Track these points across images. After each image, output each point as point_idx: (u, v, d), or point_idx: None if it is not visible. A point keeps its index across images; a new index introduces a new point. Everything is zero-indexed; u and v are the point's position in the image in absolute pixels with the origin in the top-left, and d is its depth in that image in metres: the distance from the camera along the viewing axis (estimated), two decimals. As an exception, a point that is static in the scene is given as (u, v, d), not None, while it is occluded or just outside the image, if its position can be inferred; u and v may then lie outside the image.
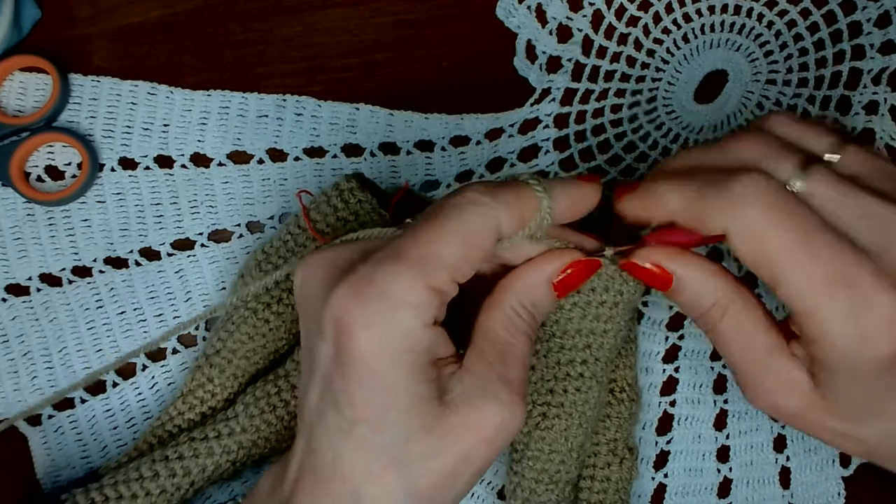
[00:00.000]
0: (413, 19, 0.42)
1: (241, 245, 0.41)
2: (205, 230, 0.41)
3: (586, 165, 0.42)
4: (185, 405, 0.37)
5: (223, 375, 0.37)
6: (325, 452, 0.28)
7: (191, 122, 0.41)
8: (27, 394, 0.40)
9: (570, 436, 0.35)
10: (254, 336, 0.37)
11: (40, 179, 0.41)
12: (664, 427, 0.42)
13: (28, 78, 0.41)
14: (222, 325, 0.37)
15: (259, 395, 0.36)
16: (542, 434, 0.35)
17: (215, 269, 0.41)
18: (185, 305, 0.41)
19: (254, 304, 0.37)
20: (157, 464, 0.35)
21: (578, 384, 0.34)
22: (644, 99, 0.42)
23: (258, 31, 0.42)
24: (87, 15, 0.42)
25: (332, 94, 0.42)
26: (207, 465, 0.35)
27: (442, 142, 0.42)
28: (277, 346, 0.38)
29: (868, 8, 0.42)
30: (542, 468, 0.35)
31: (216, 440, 0.35)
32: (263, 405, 0.35)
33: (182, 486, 0.35)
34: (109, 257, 0.41)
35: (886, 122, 0.42)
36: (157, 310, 0.41)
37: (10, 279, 0.40)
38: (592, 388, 0.34)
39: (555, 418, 0.34)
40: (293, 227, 0.38)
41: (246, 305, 0.37)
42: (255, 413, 0.35)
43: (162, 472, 0.35)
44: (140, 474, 0.35)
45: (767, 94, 0.42)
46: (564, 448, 0.35)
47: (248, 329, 0.37)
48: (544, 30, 0.42)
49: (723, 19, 0.42)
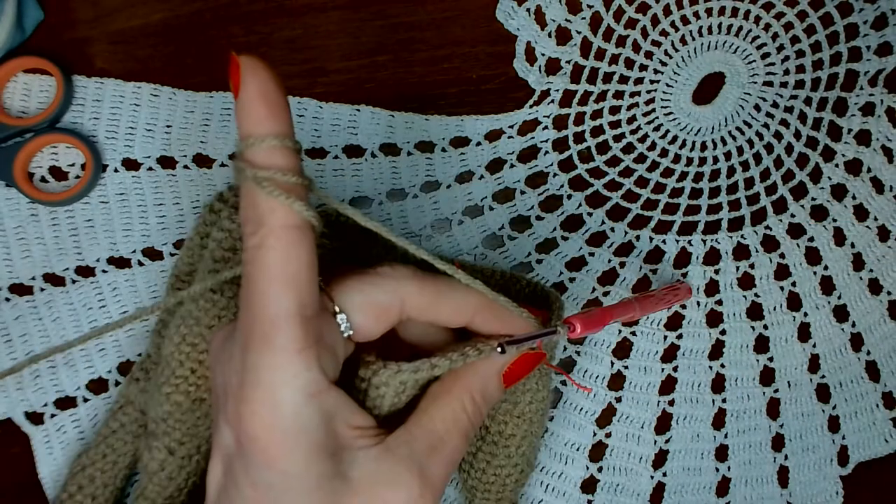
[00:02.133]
0: (414, 21, 0.42)
1: (243, 245, 0.41)
2: (207, 230, 0.41)
3: (585, 166, 0.43)
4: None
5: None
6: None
7: (193, 124, 0.41)
8: (30, 393, 0.40)
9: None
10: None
11: (44, 180, 0.41)
12: (663, 426, 0.42)
13: (32, 79, 0.41)
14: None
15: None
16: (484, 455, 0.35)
17: (217, 269, 0.41)
18: (187, 305, 0.41)
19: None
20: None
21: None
22: (642, 100, 0.43)
23: (260, 34, 0.42)
24: (90, 17, 0.42)
25: (333, 96, 0.42)
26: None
27: (442, 143, 0.42)
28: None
29: (865, 10, 0.42)
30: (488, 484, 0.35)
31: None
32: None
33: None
34: (112, 257, 0.41)
35: (883, 124, 0.42)
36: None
37: (14, 278, 0.41)
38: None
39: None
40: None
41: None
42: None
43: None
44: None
45: (764, 96, 0.43)
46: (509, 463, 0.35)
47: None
48: (543, 32, 0.42)
49: (720, 22, 0.42)
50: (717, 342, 0.43)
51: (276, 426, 0.25)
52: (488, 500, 0.36)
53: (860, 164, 0.43)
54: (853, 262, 0.43)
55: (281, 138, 0.25)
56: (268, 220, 0.25)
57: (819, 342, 0.43)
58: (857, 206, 0.43)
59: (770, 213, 0.43)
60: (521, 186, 0.43)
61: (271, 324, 0.25)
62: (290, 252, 0.25)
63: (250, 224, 0.25)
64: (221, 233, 0.33)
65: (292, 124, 0.26)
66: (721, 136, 0.43)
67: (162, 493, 0.33)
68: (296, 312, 0.25)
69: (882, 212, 0.42)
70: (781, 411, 0.43)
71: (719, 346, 0.43)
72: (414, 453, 0.27)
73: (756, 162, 0.43)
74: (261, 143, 0.25)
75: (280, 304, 0.25)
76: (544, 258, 0.42)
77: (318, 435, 0.25)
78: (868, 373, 0.43)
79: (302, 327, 0.25)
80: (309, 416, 0.25)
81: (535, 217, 0.43)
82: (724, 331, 0.43)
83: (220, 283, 0.32)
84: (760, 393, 0.43)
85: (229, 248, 0.33)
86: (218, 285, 0.32)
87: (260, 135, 0.25)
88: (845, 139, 0.43)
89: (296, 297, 0.25)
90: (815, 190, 0.43)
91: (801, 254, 0.43)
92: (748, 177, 0.43)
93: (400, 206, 0.42)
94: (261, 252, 0.25)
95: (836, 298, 0.43)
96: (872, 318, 0.43)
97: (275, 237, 0.25)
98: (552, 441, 0.41)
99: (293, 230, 0.25)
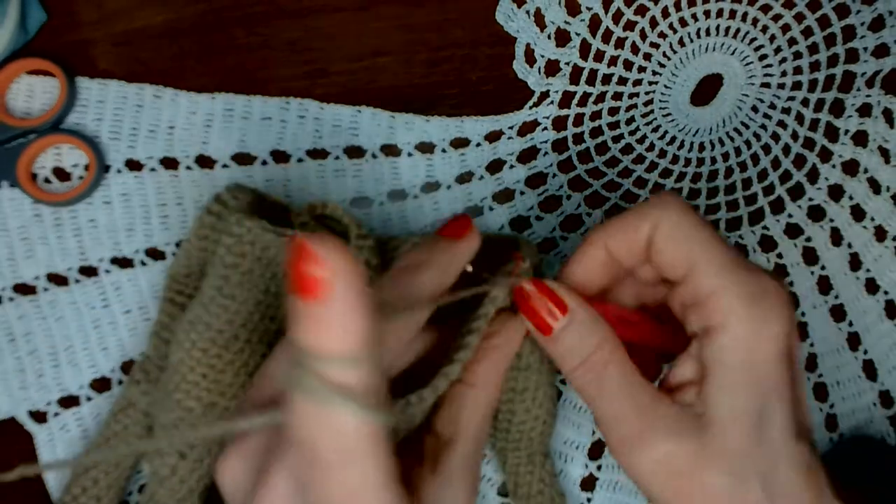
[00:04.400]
0: (414, 23, 0.42)
1: (245, 245, 0.41)
2: (209, 231, 0.42)
3: (584, 167, 0.43)
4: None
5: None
6: None
7: (196, 125, 0.42)
8: (33, 392, 0.40)
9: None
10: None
11: (47, 181, 0.42)
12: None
13: (35, 81, 0.41)
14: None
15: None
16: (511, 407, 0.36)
17: (219, 269, 0.41)
18: (190, 305, 0.41)
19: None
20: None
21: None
22: (641, 102, 0.43)
23: (261, 36, 0.42)
24: (93, 19, 0.42)
25: (334, 97, 0.42)
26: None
27: (443, 143, 0.43)
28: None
29: (862, 12, 0.42)
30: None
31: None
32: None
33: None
34: (115, 257, 0.41)
35: (879, 125, 0.43)
36: (162, 309, 0.41)
37: (18, 278, 0.41)
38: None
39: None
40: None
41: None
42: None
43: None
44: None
45: (762, 97, 0.43)
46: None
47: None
48: (543, 34, 0.42)
49: (718, 23, 0.43)
50: (716, 341, 0.43)
51: None
52: (519, 458, 0.37)
53: (857, 165, 0.43)
54: (850, 262, 0.43)
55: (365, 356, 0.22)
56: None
57: (816, 341, 0.43)
58: (854, 206, 0.43)
59: (768, 214, 0.43)
60: (520, 187, 0.43)
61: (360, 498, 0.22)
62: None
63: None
64: (231, 238, 0.33)
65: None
66: (719, 137, 0.43)
67: (174, 496, 0.34)
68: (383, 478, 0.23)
69: (879, 212, 0.43)
70: (779, 410, 0.43)
71: (717, 346, 0.43)
72: (471, 466, 0.29)
73: (754, 163, 0.43)
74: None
75: (369, 475, 0.22)
76: (544, 258, 0.43)
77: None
78: (865, 372, 0.43)
79: (388, 468, 0.23)
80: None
81: (535, 217, 0.43)
82: (722, 330, 0.43)
83: (231, 289, 0.32)
84: (758, 392, 0.43)
85: (239, 253, 0.33)
86: (230, 291, 0.32)
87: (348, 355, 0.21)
88: (842, 140, 0.43)
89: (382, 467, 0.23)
90: (813, 190, 0.43)
91: (799, 254, 0.43)
92: (746, 177, 0.43)
93: (400, 207, 0.42)
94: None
95: (833, 298, 0.43)
96: (869, 317, 0.43)
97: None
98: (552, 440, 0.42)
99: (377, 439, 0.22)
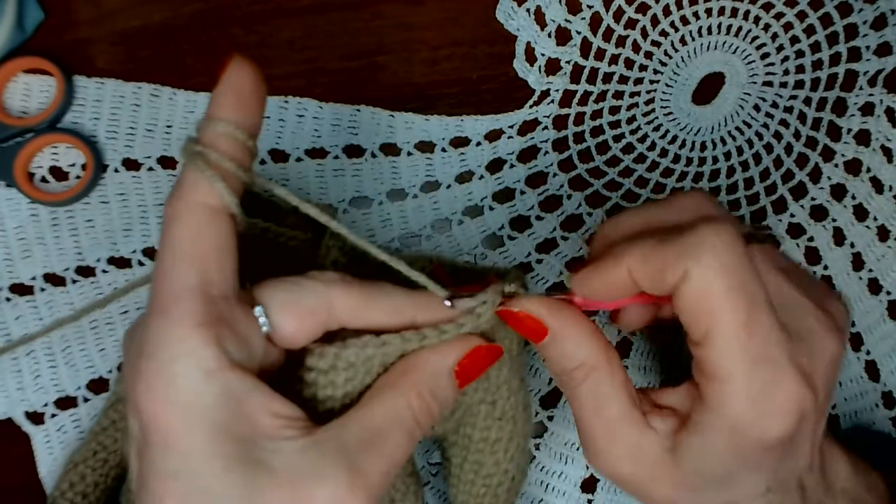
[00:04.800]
0: (413, 22, 0.42)
1: (243, 245, 0.41)
2: (207, 230, 0.41)
3: (585, 166, 0.43)
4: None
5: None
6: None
7: (193, 124, 0.41)
8: (30, 393, 0.40)
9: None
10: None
11: (44, 180, 0.41)
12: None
13: (32, 79, 0.41)
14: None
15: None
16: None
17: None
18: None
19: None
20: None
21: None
22: (642, 101, 0.43)
23: (259, 34, 0.42)
24: (90, 18, 0.42)
25: (333, 96, 0.42)
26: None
27: (442, 143, 0.42)
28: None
29: (864, 10, 0.42)
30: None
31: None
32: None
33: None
34: (113, 257, 0.41)
35: (882, 124, 0.42)
36: (160, 309, 0.41)
37: (15, 279, 0.41)
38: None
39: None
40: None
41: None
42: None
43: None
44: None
45: (764, 96, 0.43)
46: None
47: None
48: (543, 32, 0.42)
49: (720, 22, 0.42)
50: (717, 342, 0.43)
51: (172, 401, 0.24)
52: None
53: (860, 164, 0.43)
54: (853, 262, 0.43)
55: (234, 127, 0.26)
56: (186, 195, 0.25)
57: (819, 342, 0.43)
58: (856, 205, 0.43)
59: (770, 213, 0.43)
60: (521, 186, 0.43)
61: (172, 296, 0.24)
62: (202, 230, 0.25)
63: (171, 196, 0.25)
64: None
65: (257, 125, 0.26)
66: (721, 136, 0.43)
67: None
68: (198, 288, 0.24)
69: (881, 211, 0.43)
70: (781, 411, 0.43)
71: (719, 346, 0.43)
72: (345, 446, 0.25)
73: (756, 162, 0.43)
74: (214, 125, 0.26)
75: (183, 278, 0.24)
76: (544, 258, 0.42)
77: (222, 415, 0.24)
78: (868, 372, 0.43)
79: (203, 303, 0.24)
80: (208, 393, 0.24)
81: (535, 217, 0.43)
82: (723, 330, 0.43)
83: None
84: (760, 392, 0.43)
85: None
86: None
87: (216, 118, 0.26)
88: (845, 139, 0.43)
89: (200, 274, 0.24)
90: (815, 190, 0.43)
91: (801, 253, 0.43)
92: (748, 177, 0.43)
93: (400, 207, 0.42)
94: (173, 225, 0.25)
95: (835, 298, 0.43)
96: (872, 317, 0.43)
97: (189, 212, 0.25)
98: (552, 441, 0.42)
99: (210, 210, 0.25)
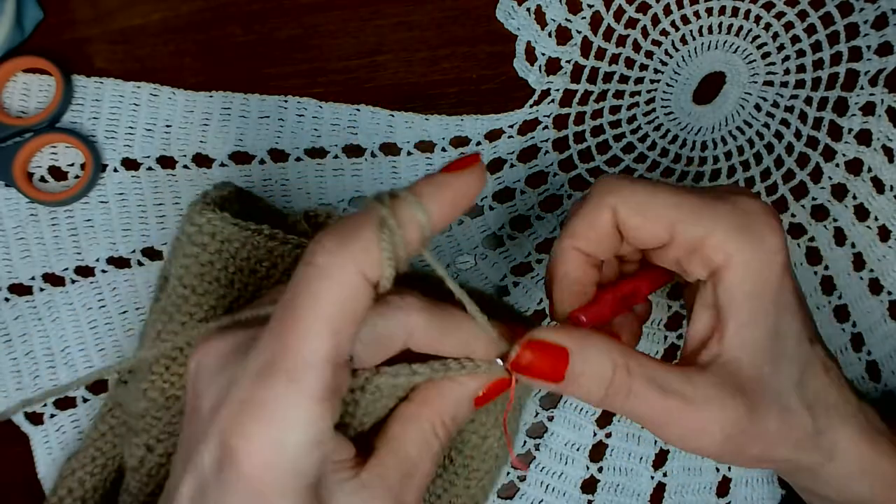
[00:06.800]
0: (414, 21, 0.42)
1: (243, 245, 0.41)
2: (206, 230, 0.41)
3: (585, 166, 0.43)
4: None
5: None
6: None
7: (193, 123, 0.41)
8: (30, 393, 0.40)
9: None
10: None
11: (43, 180, 0.41)
12: (663, 426, 0.42)
13: (31, 79, 0.41)
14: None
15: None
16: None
17: (217, 269, 0.41)
18: (187, 305, 0.41)
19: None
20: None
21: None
22: (643, 100, 0.43)
23: (259, 33, 0.42)
24: (89, 17, 0.42)
25: (333, 96, 0.42)
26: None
27: (442, 142, 0.42)
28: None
29: (865, 10, 0.42)
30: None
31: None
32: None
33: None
34: (112, 257, 0.41)
35: (883, 124, 0.42)
36: (159, 309, 0.41)
37: (14, 279, 0.41)
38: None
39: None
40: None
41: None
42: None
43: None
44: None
45: (765, 96, 0.43)
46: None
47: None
48: (544, 32, 0.42)
49: (720, 21, 0.42)
50: (718, 342, 0.43)
51: (275, 467, 0.23)
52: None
53: (861, 164, 0.43)
54: (854, 262, 0.43)
55: (428, 220, 0.24)
56: (353, 254, 0.23)
57: (819, 342, 0.43)
58: (857, 205, 0.43)
59: (770, 213, 0.43)
60: (521, 186, 0.43)
61: (304, 363, 0.23)
62: (351, 300, 0.23)
63: (331, 240, 0.23)
64: (192, 227, 0.32)
65: (442, 229, 0.26)
66: (721, 136, 0.43)
67: (143, 489, 0.33)
68: (331, 360, 0.23)
69: (882, 211, 0.42)
70: (782, 411, 0.43)
71: (720, 346, 0.43)
72: (389, 485, 0.26)
73: (757, 161, 0.43)
74: (416, 208, 0.24)
75: (319, 344, 0.23)
76: (544, 258, 0.42)
77: (312, 479, 0.24)
78: (869, 373, 0.43)
79: (333, 376, 0.23)
80: (310, 463, 0.24)
81: (535, 217, 0.43)
82: (724, 331, 0.43)
83: (191, 280, 0.32)
84: (761, 393, 0.42)
85: (199, 243, 0.32)
86: (190, 281, 0.32)
87: (422, 204, 0.24)
88: (846, 139, 0.43)
89: (336, 346, 0.23)
90: (816, 189, 0.43)
91: (802, 253, 0.43)
92: (749, 176, 0.43)
93: (400, 206, 0.42)
94: (325, 281, 0.23)
95: (836, 298, 0.43)
96: (873, 318, 0.43)
97: (346, 274, 0.23)
98: (552, 441, 0.41)
99: (365, 282, 0.23)
